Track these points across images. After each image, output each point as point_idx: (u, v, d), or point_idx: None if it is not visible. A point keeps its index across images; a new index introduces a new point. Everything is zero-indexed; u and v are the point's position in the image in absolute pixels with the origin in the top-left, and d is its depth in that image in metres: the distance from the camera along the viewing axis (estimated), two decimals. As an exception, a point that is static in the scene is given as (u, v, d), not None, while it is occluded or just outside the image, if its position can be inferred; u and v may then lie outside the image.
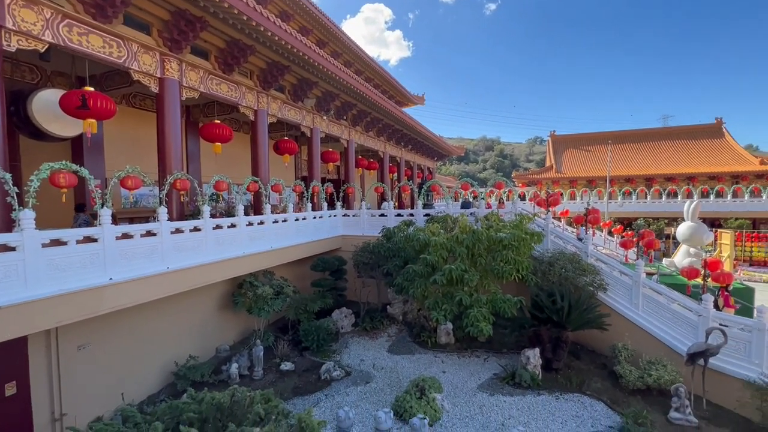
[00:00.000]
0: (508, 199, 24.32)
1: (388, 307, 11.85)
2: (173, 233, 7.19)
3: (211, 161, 12.18)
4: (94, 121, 6.79)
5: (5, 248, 4.91)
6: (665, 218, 28.14)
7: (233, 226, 8.71)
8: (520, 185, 39.63)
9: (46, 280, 5.18)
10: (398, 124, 19.37)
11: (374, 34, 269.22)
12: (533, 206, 19.27)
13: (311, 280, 11.98)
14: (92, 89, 6.77)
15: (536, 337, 8.78)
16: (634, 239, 16.58)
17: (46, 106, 7.61)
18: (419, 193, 13.88)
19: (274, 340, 9.69)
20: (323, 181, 14.04)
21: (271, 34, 8.64)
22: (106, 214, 6.00)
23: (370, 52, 20.39)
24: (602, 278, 9.62)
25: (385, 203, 13.83)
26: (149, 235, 6.76)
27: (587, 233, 14.61)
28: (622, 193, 31.99)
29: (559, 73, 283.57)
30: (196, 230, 7.74)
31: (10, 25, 5.68)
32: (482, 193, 22.07)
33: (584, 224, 15.49)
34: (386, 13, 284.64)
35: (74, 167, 5.79)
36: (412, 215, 12.71)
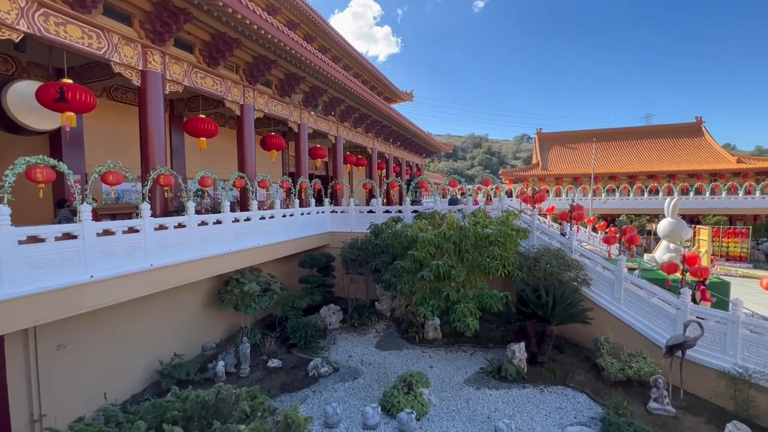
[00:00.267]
0: (495, 195, 24.68)
1: (376, 303, 11.88)
2: (157, 230, 7.04)
3: (196, 156, 11.95)
4: (73, 114, 6.58)
5: (-21, 245, 4.74)
6: (647, 215, 28.93)
7: (219, 222, 8.58)
8: (507, 182, 40.10)
9: (22, 278, 5.02)
10: (387, 120, 19.33)
11: (363, 29, 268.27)
12: (520, 203, 19.59)
13: (299, 276, 11.91)
14: (71, 81, 6.56)
15: (522, 331, 8.94)
16: (616, 235, 17.01)
17: (21, 98, 7.36)
18: (407, 189, 13.90)
19: (261, 337, 9.62)
20: (311, 177, 13.93)
21: (257, 27, 8.49)
22: (86, 210, 5.85)
23: (358, 47, 20.28)
24: (586, 273, 9.84)
25: (373, 200, 13.81)
26: (132, 231, 6.60)
27: (572, 229, 14.94)
28: (606, 190, 32.71)
29: (546, 70, 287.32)
30: (180, 227, 7.60)
31: (-19, 13, 5.46)
32: (470, 189, 22.39)
33: (569, 220, 15.80)
34: (375, 8, 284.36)
35: (52, 162, 5.61)
36: (400, 212, 12.73)
